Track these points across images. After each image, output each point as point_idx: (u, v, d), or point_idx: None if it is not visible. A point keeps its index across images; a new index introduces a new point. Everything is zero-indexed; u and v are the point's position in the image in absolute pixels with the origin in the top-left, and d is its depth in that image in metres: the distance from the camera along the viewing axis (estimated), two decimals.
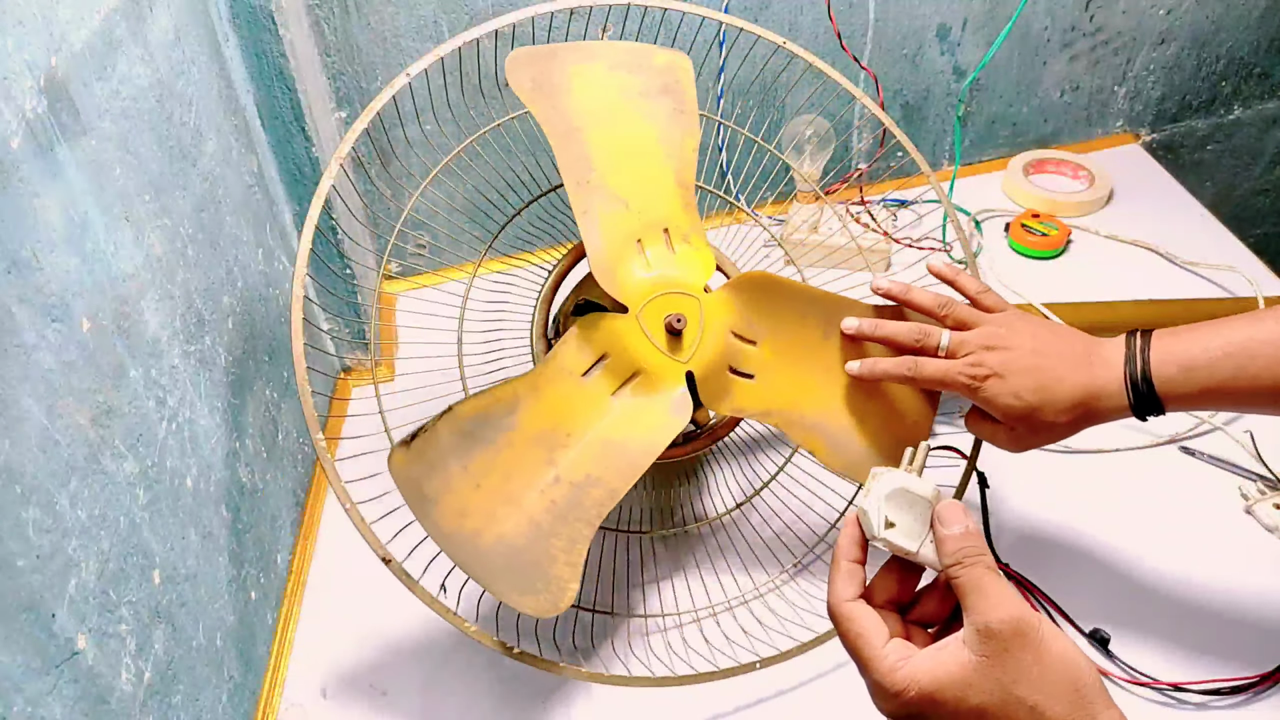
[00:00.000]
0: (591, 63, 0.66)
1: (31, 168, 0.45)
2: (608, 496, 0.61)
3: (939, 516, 0.46)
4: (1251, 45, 1.16)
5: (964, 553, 0.44)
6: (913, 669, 0.43)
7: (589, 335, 0.64)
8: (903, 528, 0.47)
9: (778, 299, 0.67)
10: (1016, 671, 0.41)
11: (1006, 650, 0.41)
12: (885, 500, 0.47)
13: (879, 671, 0.44)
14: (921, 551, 0.46)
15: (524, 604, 0.59)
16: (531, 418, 0.62)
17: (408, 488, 0.59)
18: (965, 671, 0.42)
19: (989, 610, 0.42)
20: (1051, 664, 0.41)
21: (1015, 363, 0.58)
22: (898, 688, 0.43)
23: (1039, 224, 1.03)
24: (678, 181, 0.67)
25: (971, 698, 0.41)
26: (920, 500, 0.47)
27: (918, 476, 0.48)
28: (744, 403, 0.66)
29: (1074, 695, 0.41)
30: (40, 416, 0.44)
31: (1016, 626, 0.41)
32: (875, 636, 0.45)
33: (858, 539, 0.48)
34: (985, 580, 0.43)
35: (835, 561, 0.47)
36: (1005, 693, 0.41)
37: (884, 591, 0.48)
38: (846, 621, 0.46)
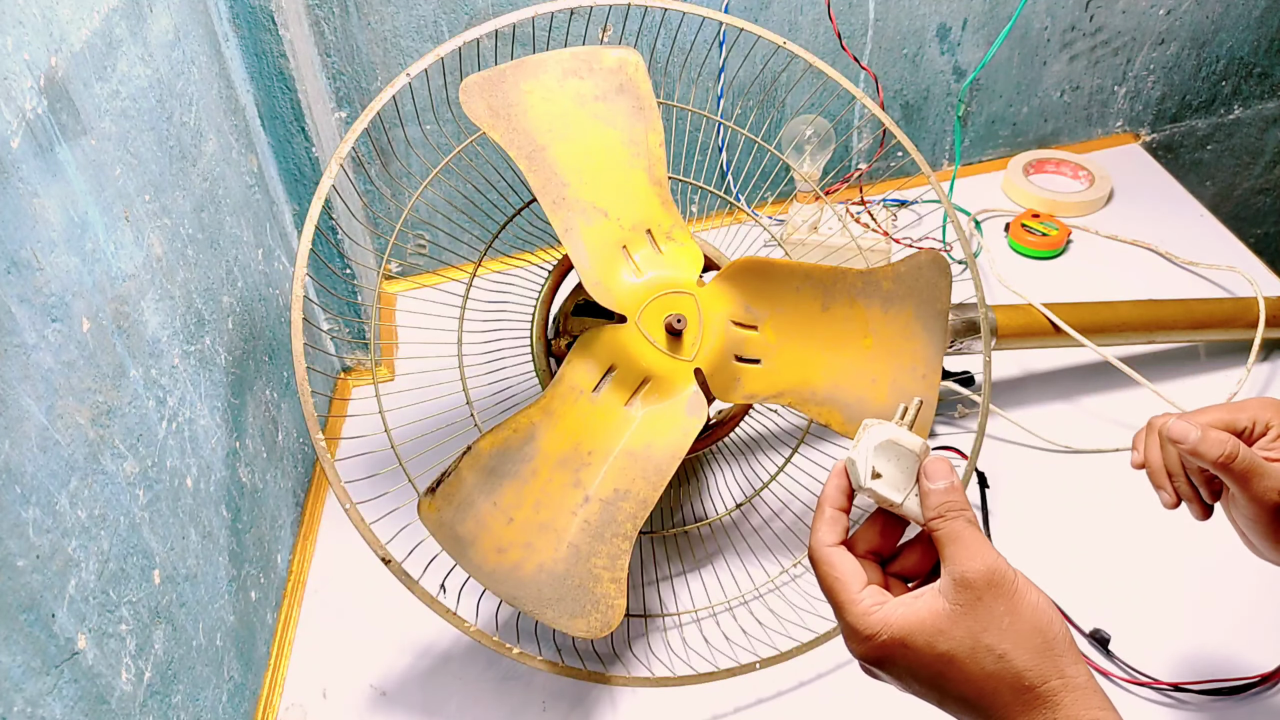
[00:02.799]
0: (541, 76, 0.65)
1: (31, 168, 0.45)
2: (640, 507, 0.61)
3: (925, 471, 0.46)
4: (1251, 45, 1.16)
5: (946, 506, 0.45)
6: (886, 613, 0.43)
7: (592, 350, 0.64)
8: (889, 479, 0.47)
9: (771, 280, 0.67)
10: (987, 620, 0.42)
11: (979, 599, 0.42)
12: (874, 451, 0.47)
13: (853, 614, 0.44)
14: (905, 504, 0.47)
15: (576, 627, 0.59)
16: (551, 443, 0.62)
17: (441, 533, 0.60)
18: (938, 618, 0.42)
19: (965, 560, 0.43)
20: (1022, 614, 0.42)
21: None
22: (870, 630, 0.43)
23: (1039, 224, 1.03)
24: (651, 180, 0.67)
25: (941, 644, 0.42)
26: (908, 453, 0.47)
27: (909, 431, 0.48)
28: (755, 388, 0.66)
29: (1043, 646, 0.41)
30: (40, 416, 0.44)
31: (990, 577, 0.42)
32: (853, 581, 0.45)
33: (844, 488, 0.48)
34: (964, 532, 0.44)
35: (820, 507, 0.48)
36: (974, 640, 0.42)
37: (866, 542, 0.48)
38: (826, 565, 0.46)
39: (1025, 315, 0.83)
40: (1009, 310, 0.84)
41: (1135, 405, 0.85)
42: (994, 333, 0.82)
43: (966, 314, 0.82)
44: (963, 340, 0.82)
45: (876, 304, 0.68)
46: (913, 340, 0.68)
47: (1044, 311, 0.83)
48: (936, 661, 0.42)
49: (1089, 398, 0.87)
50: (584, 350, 0.64)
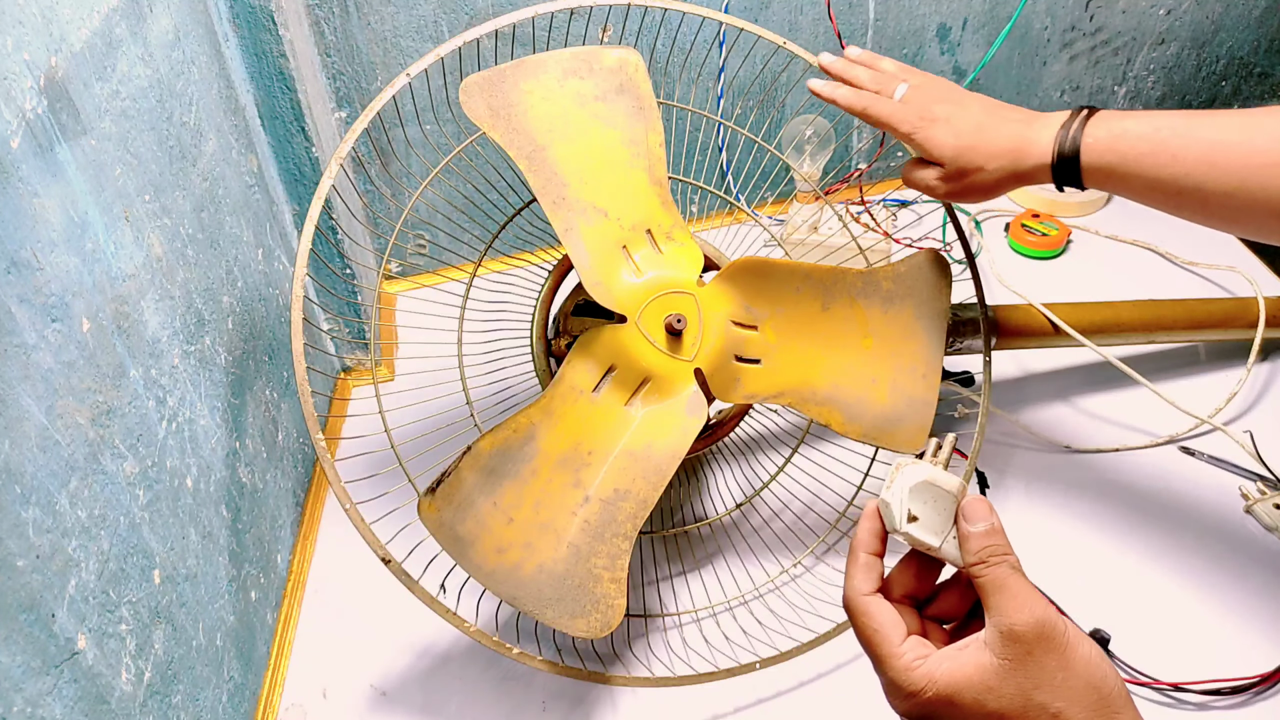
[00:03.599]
0: (541, 76, 0.65)
1: (31, 168, 0.45)
2: (639, 508, 0.61)
3: (964, 512, 0.44)
4: (1251, 45, 1.16)
5: (988, 551, 0.43)
6: (930, 669, 0.41)
7: (592, 350, 0.64)
8: (925, 522, 0.45)
9: (771, 280, 0.67)
10: (1039, 676, 0.40)
11: (1030, 654, 0.40)
12: (909, 493, 0.45)
13: (895, 669, 0.42)
14: (944, 547, 0.45)
15: (576, 627, 0.59)
16: (551, 442, 0.62)
17: (441, 533, 0.60)
18: (986, 674, 0.40)
19: (1013, 612, 0.40)
20: (1076, 669, 0.40)
21: (961, 114, 0.62)
22: (915, 687, 0.41)
23: (1039, 224, 1.03)
24: (651, 180, 0.67)
25: (991, 702, 0.40)
26: (945, 494, 0.45)
27: (943, 469, 0.46)
28: (755, 388, 0.66)
29: (1099, 703, 0.40)
30: (40, 416, 0.44)
31: (1041, 630, 0.40)
32: (893, 633, 0.43)
33: (878, 531, 0.46)
34: (1010, 580, 0.42)
35: (853, 553, 0.46)
36: (1026, 698, 0.40)
37: (902, 585, 0.46)
38: (863, 616, 0.44)
39: (1025, 315, 0.83)
40: (1009, 310, 0.84)
41: (1135, 405, 0.85)
42: (994, 333, 0.82)
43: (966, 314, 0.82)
44: (963, 340, 0.82)
45: (876, 304, 0.68)
46: (913, 340, 0.68)
47: (1044, 311, 0.83)
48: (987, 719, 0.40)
49: (1089, 398, 0.87)
50: (584, 350, 0.64)
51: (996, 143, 0.60)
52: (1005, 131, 0.61)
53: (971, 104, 0.63)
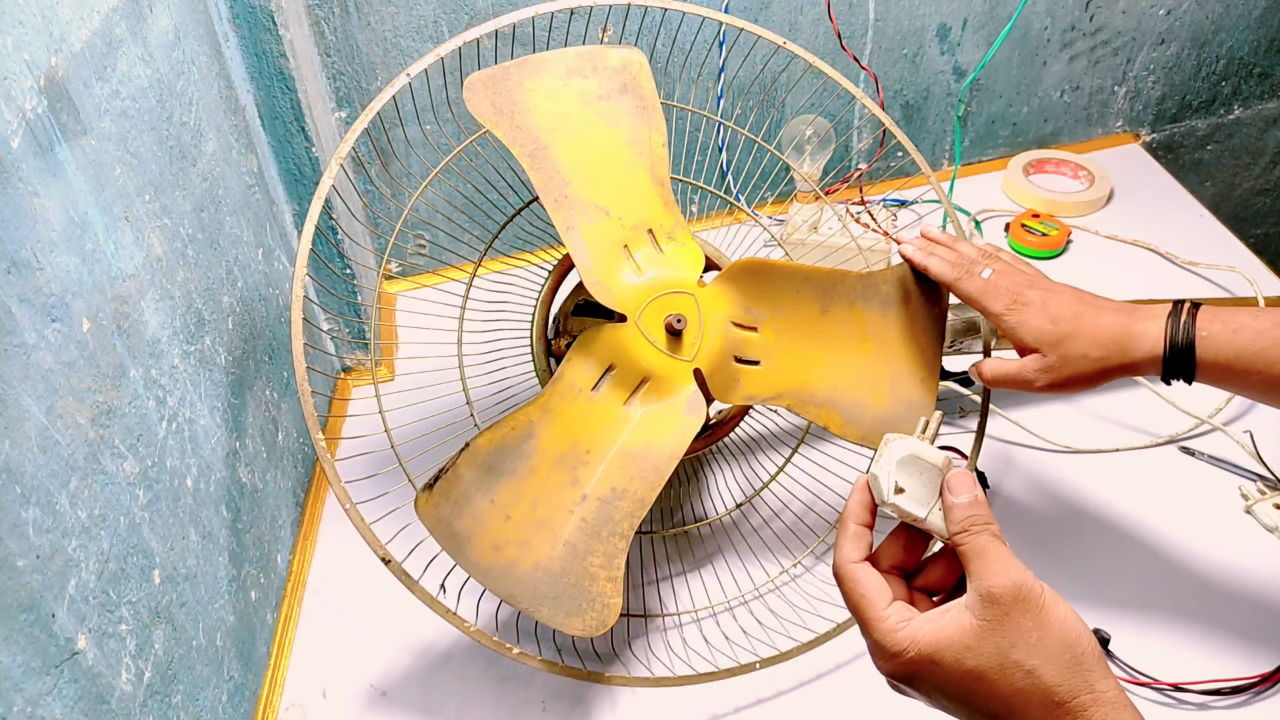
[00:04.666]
0: (545, 75, 0.65)
1: (31, 168, 0.45)
2: (637, 507, 0.61)
3: (948, 485, 0.46)
4: (1251, 45, 1.16)
5: (970, 520, 0.45)
6: (913, 630, 0.43)
7: (592, 349, 0.64)
8: (912, 494, 0.47)
9: (771, 282, 0.67)
10: (1015, 636, 0.41)
11: (1007, 615, 0.42)
12: (896, 466, 0.47)
13: (880, 631, 0.44)
14: (929, 519, 0.47)
15: (572, 625, 0.59)
16: (549, 440, 0.62)
17: (438, 530, 0.60)
18: (965, 635, 0.42)
19: (992, 575, 0.42)
20: (1050, 630, 0.41)
21: (1056, 300, 0.59)
22: (898, 647, 0.43)
23: (1039, 224, 1.03)
24: (654, 180, 0.67)
25: (969, 660, 0.42)
26: (931, 468, 0.47)
27: (930, 445, 0.48)
28: (753, 389, 0.66)
29: (1072, 661, 0.41)
30: (40, 416, 0.44)
31: (1018, 592, 0.42)
32: (878, 597, 0.45)
33: (867, 504, 0.48)
34: (990, 547, 0.44)
35: (843, 523, 0.48)
36: (1003, 656, 0.41)
37: (890, 557, 0.49)
38: (851, 582, 0.46)
39: None
40: None
41: (1135, 405, 0.85)
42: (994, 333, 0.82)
43: (966, 314, 0.82)
44: (963, 340, 0.82)
45: (876, 307, 0.68)
46: (911, 344, 0.68)
47: None
48: (965, 678, 0.42)
49: (1089, 398, 0.87)
50: (583, 349, 0.64)
51: (1098, 332, 0.58)
52: (1106, 321, 0.58)
53: (1063, 290, 0.61)
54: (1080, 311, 0.59)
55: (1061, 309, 0.59)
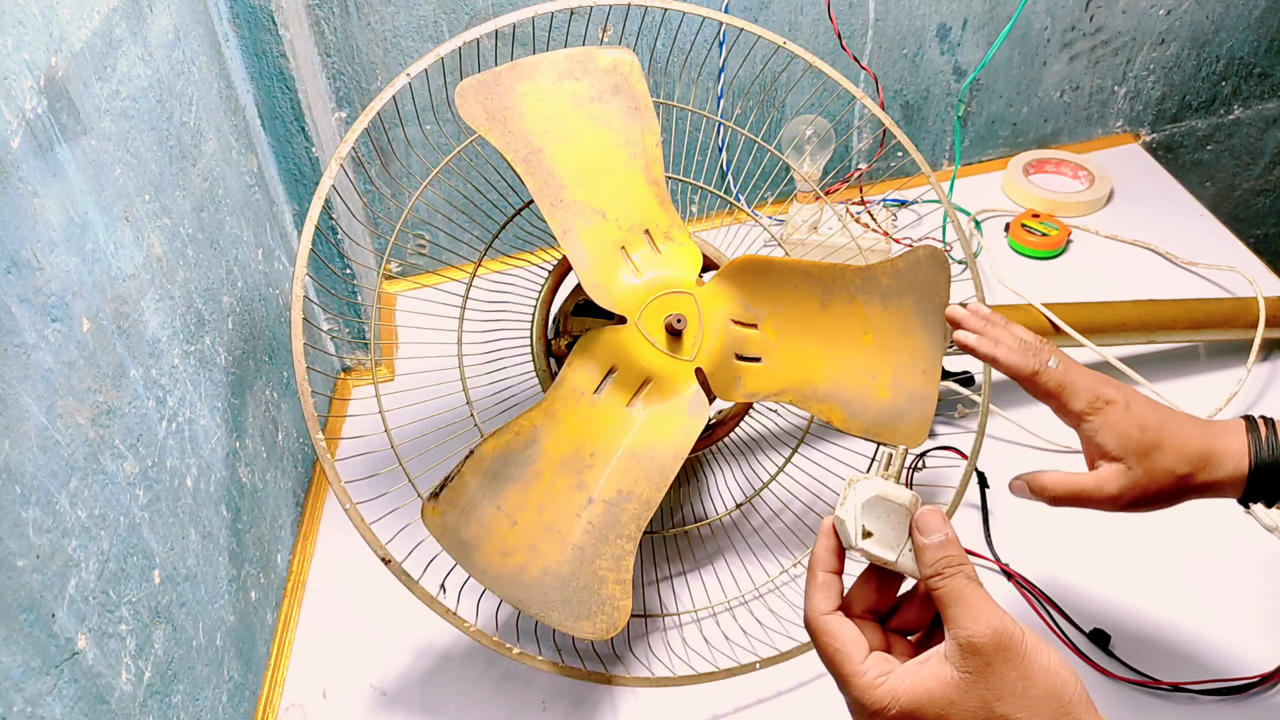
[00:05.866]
0: (536, 78, 0.65)
1: (31, 168, 0.45)
2: (643, 508, 0.61)
3: (917, 525, 0.44)
4: (1251, 45, 1.16)
5: (944, 563, 0.43)
6: (893, 685, 0.41)
7: (592, 352, 0.64)
8: (880, 537, 0.45)
9: (770, 278, 0.67)
10: (1000, 688, 0.40)
11: (989, 666, 0.40)
12: (862, 509, 0.45)
13: (858, 688, 0.42)
14: (900, 560, 0.45)
15: (583, 629, 0.59)
16: (553, 445, 0.62)
17: (446, 538, 0.60)
18: (947, 688, 0.40)
19: (970, 624, 0.41)
20: (1035, 679, 0.40)
21: (1136, 402, 0.54)
22: (878, 705, 0.41)
23: (1039, 224, 1.03)
24: (648, 180, 0.67)
25: (954, 715, 0.40)
26: (898, 508, 0.45)
27: (895, 483, 0.46)
28: (755, 387, 0.66)
29: (1059, 711, 0.40)
30: (40, 416, 0.44)
31: (998, 641, 0.40)
32: (854, 651, 0.43)
33: (834, 549, 0.46)
34: (966, 591, 0.42)
35: (811, 572, 0.46)
36: (988, 710, 0.40)
37: (862, 601, 0.47)
38: (824, 636, 0.44)
39: (1025, 315, 0.84)
40: (1009, 310, 0.84)
41: None
42: None
43: None
44: None
45: (876, 300, 0.68)
46: (912, 336, 0.68)
47: (1044, 311, 0.83)
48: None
49: None
50: (584, 352, 0.64)
51: (1184, 445, 0.52)
52: (1189, 432, 0.53)
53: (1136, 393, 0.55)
54: (1163, 420, 0.53)
55: (1145, 415, 0.53)
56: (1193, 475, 0.52)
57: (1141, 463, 0.52)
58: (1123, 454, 0.53)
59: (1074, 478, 0.55)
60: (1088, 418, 0.53)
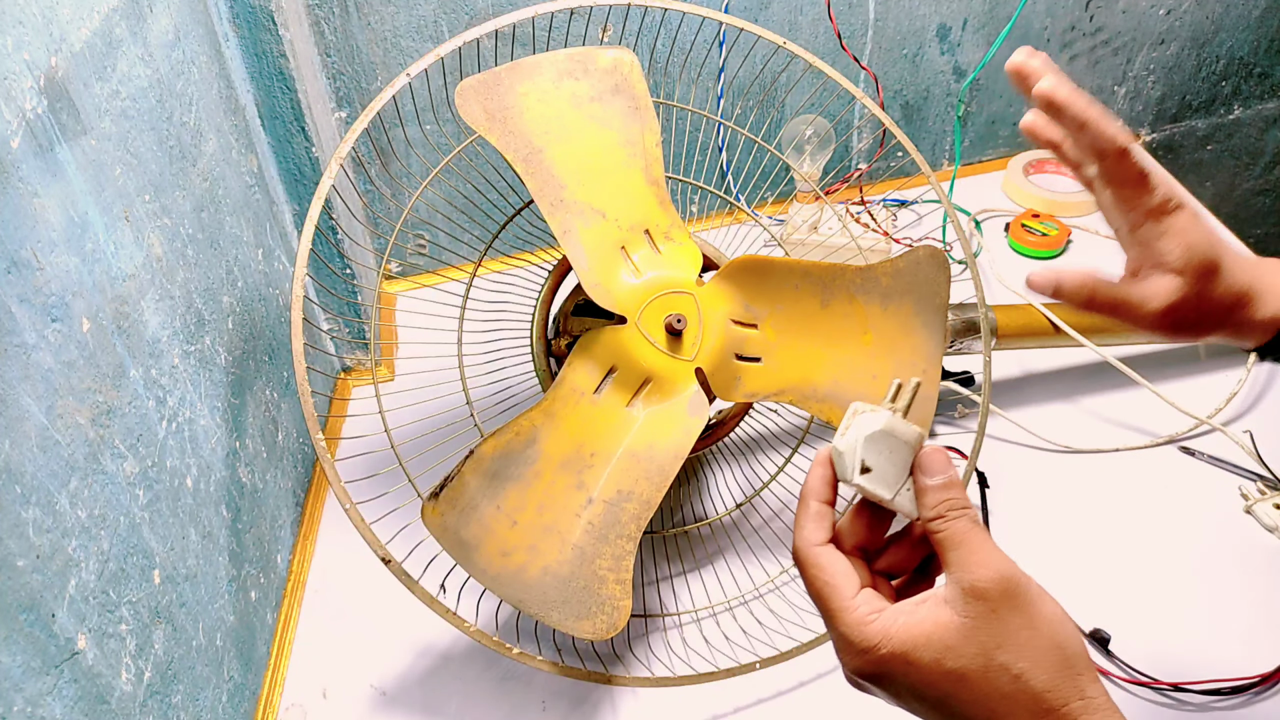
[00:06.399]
0: (536, 78, 0.65)
1: (31, 168, 0.45)
2: (643, 508, 0.61)
3: (921, 465, 0.42)
4: (1251, 45, 1.16)
5: (947, 505, 0.40)
6: (886, 623, 0.39)
7: (593, 352, 0.64)
8: (879, 473, 0.42)
9: (770, 278, 0.67)
10: (1003, 635, 0.37)
11: (994, 612, 0.38)
12: (864, 443, 0.42)
13: (848, 624, 0.40)
14: (897, 500, 0.42)
15: (583, 629, 0.59)
16: (553, 445, 0.62)
17: (446, 538, 0.60)
18: (945, 632, 0.38)
19: (976, 567, 0.38)
20: (1040, 629, 0.38)
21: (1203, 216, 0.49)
22: (869, 642, 0.39)
23: (1039, 224, 1.03)
24: (648, 180, 0.67)
25: (949, 661, 0.38)
26: (902, 445, 0.42)
27: (902, 417, 0.43)
28: (755, 386, 0.66)
29: (1062, 663, 0.38)
30: (40, 416, 0.44)
31: (1006, 586, 0.38)
32: (845, 585, 0.41)
33: (829, 479, 0.43)
34: (971, 535, 0.39)
35: (803, 501, 0.43)
36: (988, 658, 0.37)
37: (853, 536, 0.44)
38: (814, 568, 0.41)
39: (1025, 315, 0.84)
40: (1009, 310, 0.84)
41: (1135, 405, 0.85)
42: (994, 333, 0.82)
43: (966, 314, 0.82)
44: (963, 340, 0.82)
45: (875, 300, 0.68)
46: (912, 335, 0.68)
47: (1044, 311, 0.83)
48: (944, 680, 0.38)
49: (1089, 398, 0.87)
50: (584, 352, 0.64)
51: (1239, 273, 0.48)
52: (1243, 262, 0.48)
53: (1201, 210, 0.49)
54: (1221, 241, 0.47)
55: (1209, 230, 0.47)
56: (1237, 308, 0.48)
57: (1199, 282, 0.47)
58: (1184, 266, 0.47)
59: (1115, 284, 0.48)
60: (1156, 218, 0.46)
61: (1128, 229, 0.48)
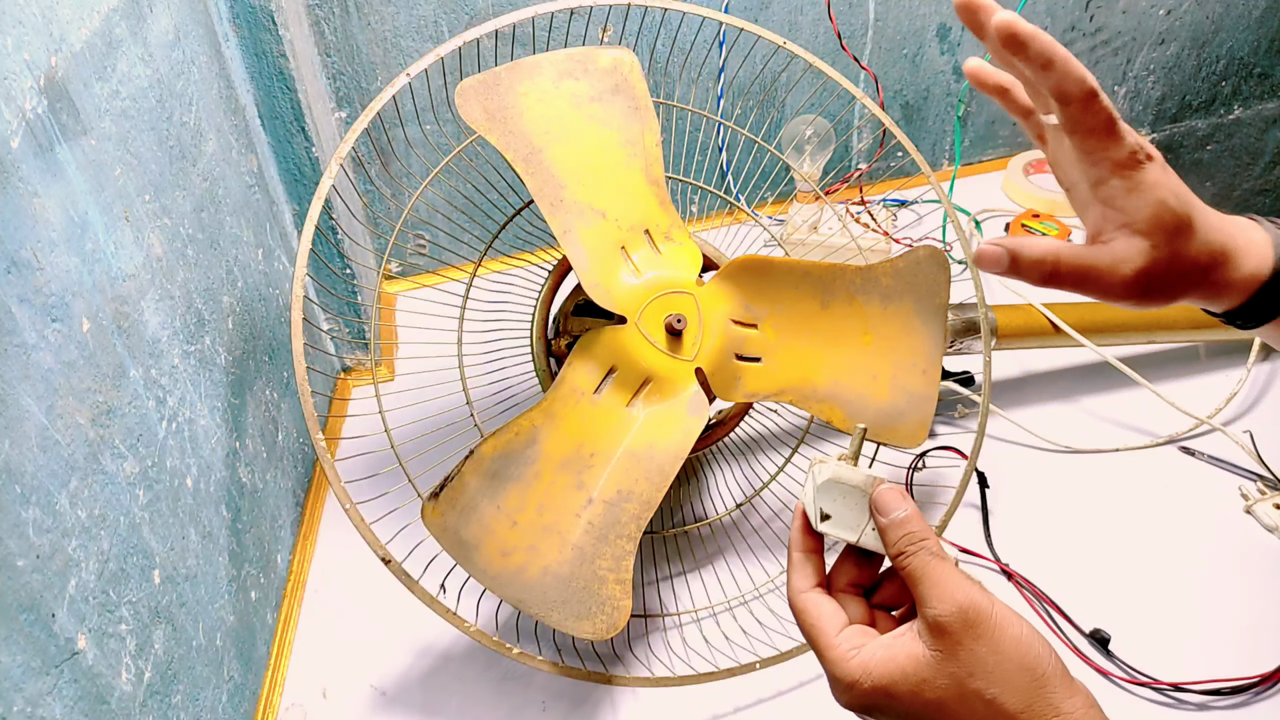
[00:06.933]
0: (536, 78, 0.65)
1: (31, 168, 0.45)
2: (643, 508, 0.61)
3: (875, 505, 0.44)
4: (1251, 45, 1.16)
5: (905, 541, 0.42)
6: (865, 659, 0.42)
7: (593, 352, 0.64)
8: (839, 519, 0.45)
9: (770, 278, 0.67)
10: (971, 664, 0.39)
11: (960, 644, 0.40)
12: (817, 493, 0.46)
13: (831, 661, 0.43)
14: (863, 540, 0.45)
15: (583, 629, 0.59)
16: (553, 445, 0.62)
17: (446, 538, 0.60)
18: (919, 666, 0.40)
19: (936, 602, 0.40)
20: (1006, 653, 0.39)
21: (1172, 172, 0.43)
22: (851, 678, 0.42)
23: (1039, 224, 1.03)
24: (649, 180, 0.67)
25: (927, 692, 0.40)
26: (852, 489, 0.45)
27: (851, 464, 0.46)
28: (755, 387, 0.66)
29: (1032, 684, 0.39)
30: (40, 416, 0.44)
31: (965, 618, 0.40)
32: (828, 625, 0.43)
33: (805, 528, 0.46)
34: (930, 568, 0.41)
35: (789, 553, 0.47)
36: (961, 687, 0.40)
37: (845, 575, 0.46)
38: (801, 613, 0.45)
39: (1025, 315, 0.84)
40: (1009, 310, 0.84)
41: (1135, 405, 0.85)
42: (994, 333, 0.82)
43: (966, 314, 0.82)
44: (963, 340, 0.82)
45: (875, 300, 0.68)
46: (912, 335, 0.68)
47: (1044, 311, 0.83)
48: (926, 709, 0.40)
49: (1089, 398, 0.87)
50: (584, 352, 0.64)
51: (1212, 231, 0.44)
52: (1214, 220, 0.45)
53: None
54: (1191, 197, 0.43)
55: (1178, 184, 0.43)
56: (1213, 268, 0.44)
57: (1170, 242, 0.43)
58: (1152, 226, 0.42)
59: (1081, 251, 0.44)
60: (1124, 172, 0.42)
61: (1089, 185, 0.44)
